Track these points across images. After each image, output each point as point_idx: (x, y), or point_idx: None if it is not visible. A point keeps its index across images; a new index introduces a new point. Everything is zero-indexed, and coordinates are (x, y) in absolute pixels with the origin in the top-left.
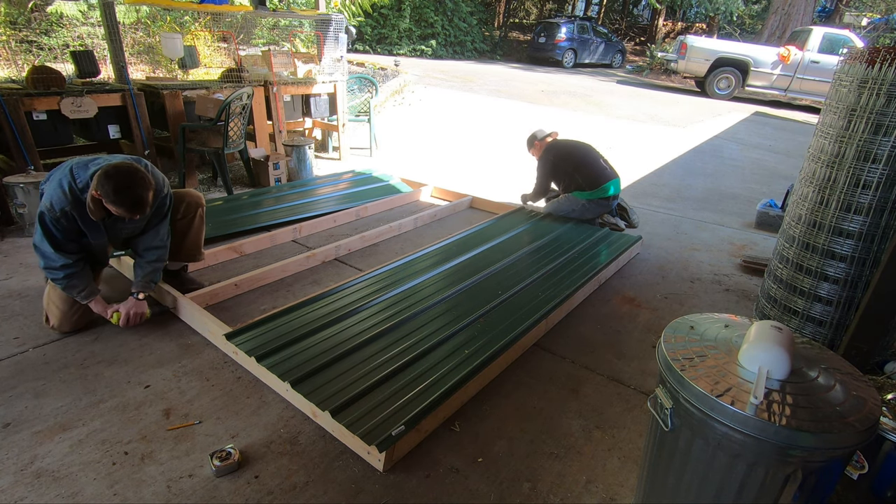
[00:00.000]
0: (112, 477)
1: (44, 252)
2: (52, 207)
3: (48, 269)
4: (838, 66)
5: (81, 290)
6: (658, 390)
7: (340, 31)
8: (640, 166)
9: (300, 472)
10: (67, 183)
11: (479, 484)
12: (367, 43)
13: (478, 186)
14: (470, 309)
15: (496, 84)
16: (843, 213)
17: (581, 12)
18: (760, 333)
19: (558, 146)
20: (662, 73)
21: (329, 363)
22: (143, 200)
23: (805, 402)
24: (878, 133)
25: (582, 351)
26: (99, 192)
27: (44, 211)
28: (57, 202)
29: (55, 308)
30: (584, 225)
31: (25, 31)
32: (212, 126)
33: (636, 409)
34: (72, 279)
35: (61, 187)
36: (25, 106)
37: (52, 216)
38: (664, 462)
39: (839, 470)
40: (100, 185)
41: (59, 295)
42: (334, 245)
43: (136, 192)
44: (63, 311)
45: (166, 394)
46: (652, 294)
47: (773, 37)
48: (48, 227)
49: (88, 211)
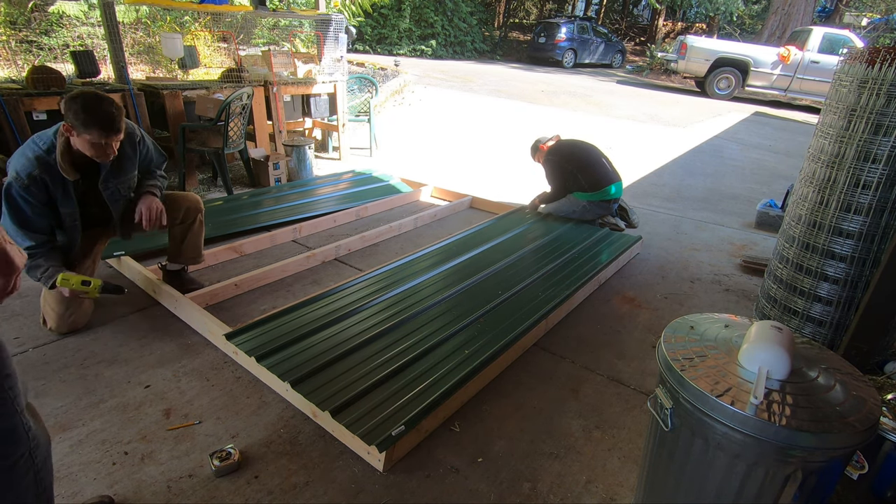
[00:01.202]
0: (112, 477)
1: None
2: (19, 176)
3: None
4: (838, 66)
5: (45, 271)
6: (658, 390)
7: (340, 31)
8: (640, 166)
9: (300, 472)
10: (31, 150)
11: (479, 484)
12: (367, 43)
13: (478, 186)
14: (470, 309)
15: (496, 84)
16: (843, 213)
17: (581, 12)
18: (760, 333)
19: (561, 147)
20: (662, 73)
21: (329, 363)
22: (113, 116)
23: (805, 402)
24: (878, 133)
25: (582, 351)
26: (69, 123)
27: (10, 182)
28: (23, 169)
29: (50, 310)
30: (585, 225)
31: (25, 31)
32: (212, 126)
33: (636, 409)
34: (35, 258)
35: (25, 156)
36: (25, 106)
37: (20, 185)
38: (664, 462)
39: (839, 470)
40: (69, 111)
41: (53, 296)
42: (334, 245)
43: (105, 109)
44: (59, 312)
45: (166, 394)
46: (652, 294)
47: (773, 37)
48: (15, 201)
49: (60, 168)
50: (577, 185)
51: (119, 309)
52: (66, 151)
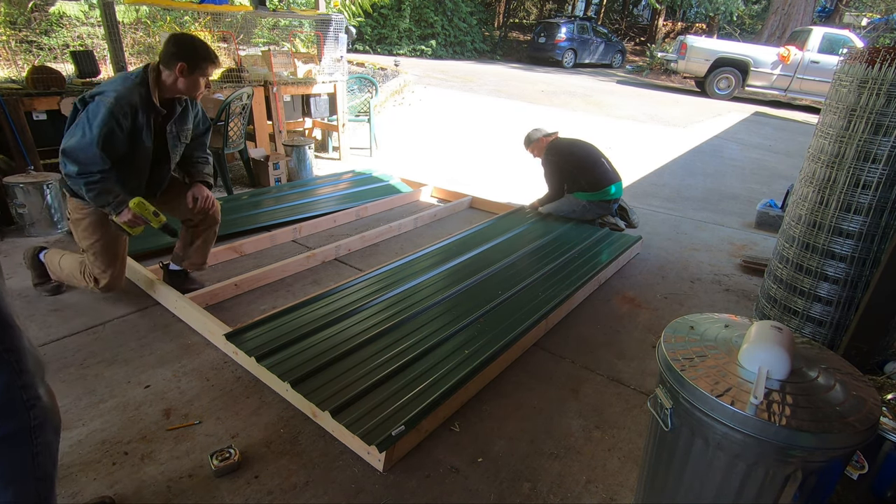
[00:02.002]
0: (112, 477)
1: (85, 154)
2: (120, 99)
3: (82, 175)
4: (838, 66)
5: (116, 196)
6: (658, 390)
7: (340, 31)
8: (640, 166)
9: (300, 472)
10: (129, 80)
11: (479, 484)
12: (367, 43)
13: (478, 186)
14: (470, 309)
15: (496, 84)
16: (843, 213)
17: (581, 12)
18: (760, 333)
19: (561, 146)
20: (662, 73)
21: (329, 363)
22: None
23: (805, 402)
24: (878, 133)
25: (582, 351)
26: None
27: (111, 103)
28: (125, 93)
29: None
30: (584, 225)
31: (25, 31)
32: (212, 126)
33: (636, 409)
34: (107, 182)
35: (124, 84)
36: (25, 106)
37: (119, 107)
38: (664, 462)
39: (839, 470)
40: (183, 50)
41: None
42: (334, 245)
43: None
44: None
45: (166, 394)
46: (652, 294)
47: (773, 37)
48: (110, 120)
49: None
50: (577, 185)
51: (119, 309)
52: (155, 88)
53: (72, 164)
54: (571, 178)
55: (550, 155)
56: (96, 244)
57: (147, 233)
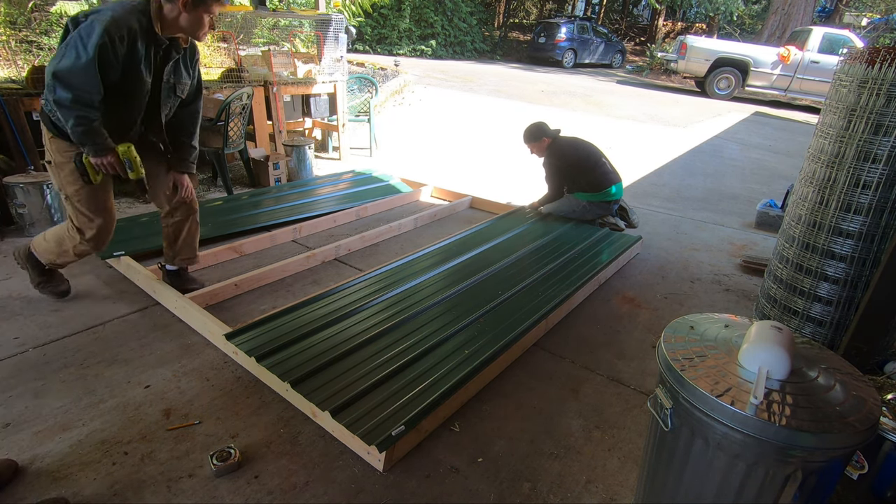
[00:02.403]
0: (112, 477)
1: (80, 78)
2: (118, 20)
3: (78, 105)
4: (838, 66)
5: (105, 139)
6: (658, 390)
7: (340, 31)
8: (640, 166)
9: (300, 472)
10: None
11: (479, 484)
12: (367, 43)
13: (478, 186)
14: (470, 309)
15: (496, 84)
16: (843, 213)
17: (581, 12)
18: (760, 333)
19: (562, 146)
20: (662, 73)
21: (329, 363)
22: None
23: (805, 402)
24: (878, 133)
25: (582, 351)
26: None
27: (107, 23)
28: (124, 16)
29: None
30: (584, 225)
31: (25, 31)
32: (212, 126)
33: (636, 409)
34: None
35: (123, 7)
36: (25, 106)
37: (116, 30)
38: (664, 462)
39: (839, 470)
40: None
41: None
42: (334, 245)
43: None
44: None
45: (166, 394)
46: (652, 294)
47: (773, 37)
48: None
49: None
50: (578, 185)
51: (119, 309)
52: (157, 19)
53: (64, 90)
54: (572, 178)
55: (551, 155)
56: (82, 190)
57: (147, 233)
